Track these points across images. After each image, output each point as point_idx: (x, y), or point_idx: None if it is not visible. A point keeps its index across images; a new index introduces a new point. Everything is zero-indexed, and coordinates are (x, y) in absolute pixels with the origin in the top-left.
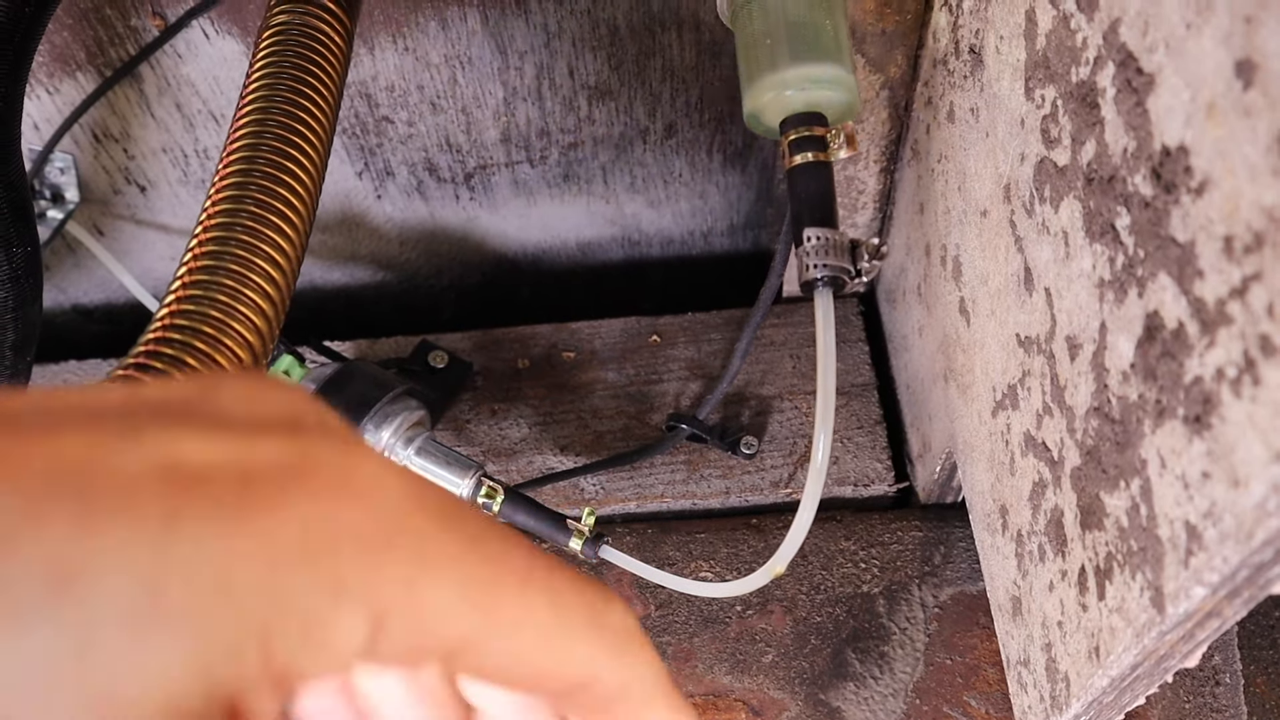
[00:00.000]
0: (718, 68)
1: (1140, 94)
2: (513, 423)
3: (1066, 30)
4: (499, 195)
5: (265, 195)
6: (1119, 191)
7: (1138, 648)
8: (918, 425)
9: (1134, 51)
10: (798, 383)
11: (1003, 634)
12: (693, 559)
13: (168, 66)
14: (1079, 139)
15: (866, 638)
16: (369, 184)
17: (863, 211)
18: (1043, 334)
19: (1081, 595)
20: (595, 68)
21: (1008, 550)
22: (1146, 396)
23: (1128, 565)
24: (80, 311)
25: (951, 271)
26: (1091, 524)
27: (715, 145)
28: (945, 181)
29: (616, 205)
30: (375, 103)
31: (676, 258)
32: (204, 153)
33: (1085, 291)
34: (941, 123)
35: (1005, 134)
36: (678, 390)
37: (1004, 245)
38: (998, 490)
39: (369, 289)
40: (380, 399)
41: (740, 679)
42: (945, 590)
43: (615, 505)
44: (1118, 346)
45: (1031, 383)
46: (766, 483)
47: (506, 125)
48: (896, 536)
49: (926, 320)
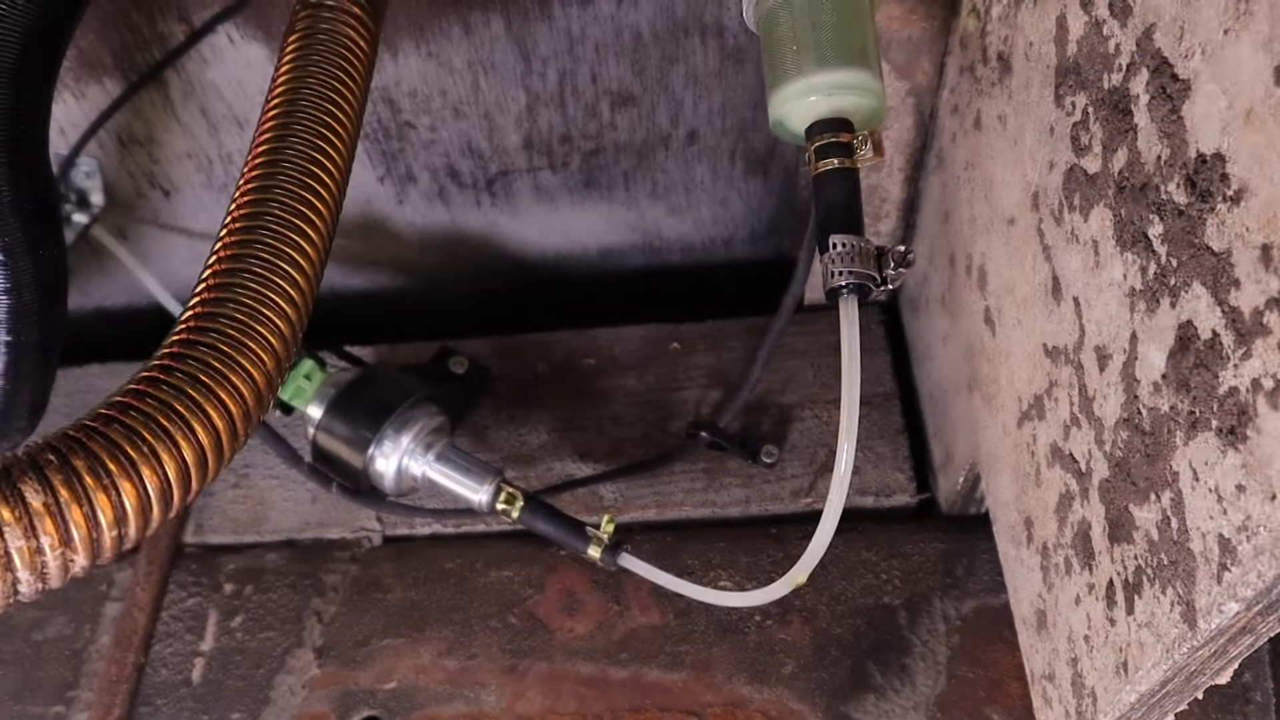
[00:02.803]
0: (741, 74)
1: (1175, 101)
2: (532, 429)
3: (1099, 36)
4: (520, 201)
5: (290, 199)
6: (1151, 200)
7: (1168, 663)
8: (940, 435)
9: (1169, 58)
10: (818, 391)
11: (1027, 648)
12: (712, 568)
13: (193, 71)
14: (1110, 146)
15: (887, 649)
16: (390, 189)
17: (886, 219)
18: (1071, 344)
19: (1109, 609)
20: (618, 74)
21: (1032, 563)
22: (1179, 408)
23: (1158, 579)
24: (103, 314)
25: (977, 280)
26: (1120, 537)
27: (737, 152)
28: (971, 189)
29: (638, 212)
30: (398, 108)
31: (697, 264)
32: (228, 157)
33: (1115, 301)
34: (968, 130)
35: (1034, 141)
36: (698, 398)
37: (1031, 254)
38: (1023, 502)
39: (389, 294)
40: (401, 404)
41: (760, 689)
42: (967, 603)
43: (634, 513)
44: (1149, 357)
45: (1059, 393)
46: (787, 492)
47: (528, 131)
48: (918, 548)
49: (950, 329)
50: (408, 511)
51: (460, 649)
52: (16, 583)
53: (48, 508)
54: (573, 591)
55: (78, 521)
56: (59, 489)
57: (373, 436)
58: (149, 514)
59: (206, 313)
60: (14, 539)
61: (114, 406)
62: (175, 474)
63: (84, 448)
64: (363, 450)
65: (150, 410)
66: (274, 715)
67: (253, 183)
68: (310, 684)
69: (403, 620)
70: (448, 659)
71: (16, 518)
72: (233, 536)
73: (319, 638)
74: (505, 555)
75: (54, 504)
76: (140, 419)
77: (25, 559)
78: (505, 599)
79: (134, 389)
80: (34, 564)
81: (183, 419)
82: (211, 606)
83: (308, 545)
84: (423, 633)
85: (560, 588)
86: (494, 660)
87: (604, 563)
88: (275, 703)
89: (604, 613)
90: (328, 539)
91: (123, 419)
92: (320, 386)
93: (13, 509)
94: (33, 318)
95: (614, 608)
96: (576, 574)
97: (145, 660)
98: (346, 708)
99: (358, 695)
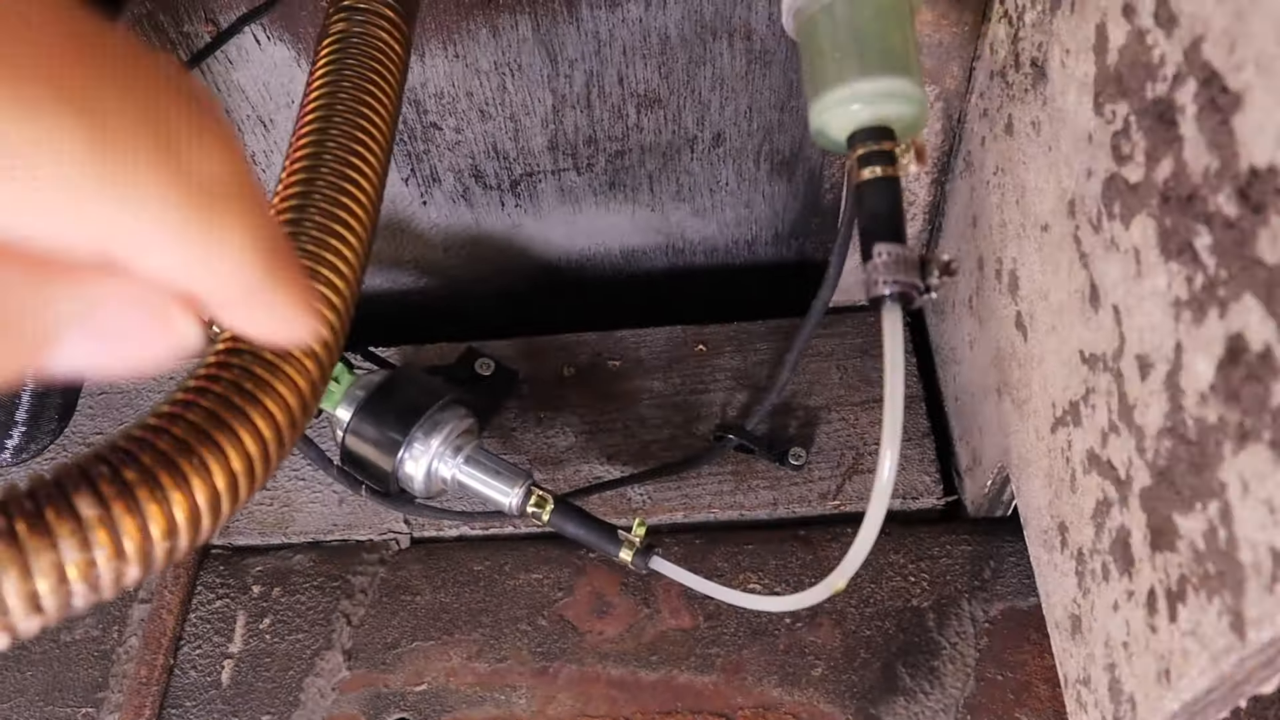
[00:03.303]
0: (768, 76)
1: (1225, 113)
2: (559, 431)
3: (1142, 46)
4: (544, 202)
5: (329, 204)
6: (1199, 210)
7: (1214, 672)
8: (967, 438)
9: (1219, 69)
10: (845, 394)
11: (1060, 651)
12: (741, 570)
13: (218, 72)
14: (1154, 156)
15: (916, 652)
16: (415, 190)
17: (912, 223)
18: (1110, 351)
19: (1150, 616)
20: (645, 76)
21: (1067, 568)
22: (1227, 419)
23: (1204, 589)
24: None
25: (1007, 285)
26: (1163, 545)
27: (763, 154)
28: (1002, 194)
29: (662, 213)
30: (424, 109)
31: (721, 266)
32: (252, 158)
33: (1159, 310)
34: (999, 135)
35: (1070, 148)
36: (724, 400)
37: (1067, 261)
38: (1056, 507)
39: (412, 294)
40: (430, 406)
41: (790, 692)
42: (995, 605)
43: (662, 515)
44: (1195, 367)
45: (1096, 400)
46: (815, 494)
47: (554, 133)
48: (946, 550)
49: (978, 333)
50: (437, 514)
51: (490, 651)
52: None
53: (101, 520)
54: (602, 594)
55: (131, 533)
56: (112, 501)
57: (402, 439)
58: (199, 525)
59: None
60: (69, 551)
61: (162, 417)
62: (225, 484)
63: (135, 460)
64: (392, 453)
65: (199, 421)
66: (304, 718)
67: (292, 188)
68: (340, 686)
69: (432, 623)
70: (478, 661)
71: (71, 530)
72: (259, 538)
73: (348, 640)
74: (534, 558)
75: (107, 516)
76: (189, 430)
77: (80, 571)
78: (535, 601)
79: (181, 399)
80: (88, 576)
81: (230, 429)
82: (240, 608)
83: (335, 547)
84: (452, 635)
85: (590, 590)
86: (524, 663)
87: (636, 566)
88: (305, 705)
89: (634, 615)
90: (355, 540)
91: (172, 430)
92: (348, 389)
93: (67, 522)
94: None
95: (644, 610)
96: (606, 577)
97: (174, 662)
98: (377, 710)
99: (388, 698)
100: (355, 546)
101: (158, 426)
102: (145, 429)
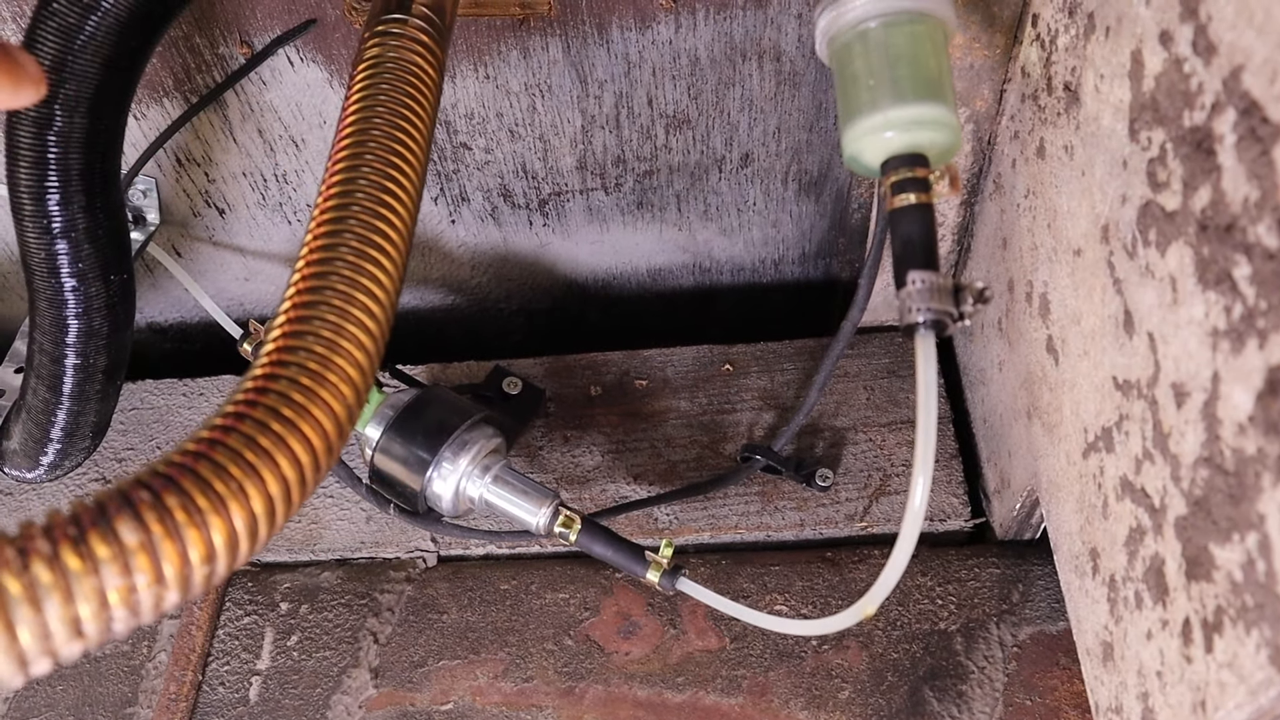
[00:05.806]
0: (796, 97)
1: (1266, 144)
2: (586, 450)
3: (1179, 74)
4: (572, 221)
5: (364, 229)
6: (1238, 240)
7: (1252, 705)
8: (995, 461)
9: (1259, 100)
10: (872, 415)
11: (1091, 679)
12: (767, 591)
13: (251, 93)
14: (1191, 184)
15: (944, 676)
16: (444, 209)
17: (941, 244)
18: (1144, 378)
19: (1185, 646)
20: (674, 97)
21: (1098, 594)
22: (1267, 451)
23: (1241, 620)
24: (155, 330)
25: (1038, 308)
26: (1198, 575)
27: (790, 174)
28: (1033, 218)
29: (689, 232)
30: (454, 129)
31: (747, 285)
32: (283, 177)
33: (1195, 339)
34: (1030, 158)
35: (1104, 174)
36: (751, 420)
37: (1100, 286)
38: (1088, 533)
39: (439, 313)
40: (459, 426)
41: (816, 715)
42: (1024, 629)
43: (689, 535)
44: (1233, 397)
45: (1130, 427)
46: (841, 516)
47: (583, 153)
48: (974, 573)
49: (1008, 355)
50: (464, 533)
51: (517, 671)
52: (112, 620)
53: (143, 545)
54: (629, 614)
55: (171, 559)
56: (152, 526)
57: (431, 459)
58: (237, 550)
59: (287, 346)
60: (111, 577)
61: (201, 442)
62: (263, 509)
63: (176, 485)
64: (421, 472)
65: (238, 446)
66: None
67: (328, 213)
68: (367, 704)
69: (459, 641)
70: (504, 680)
71: (114, 555)
72: (288, 555)
73: (375, 658)
74: (560, 577)
75: (148, 542)
76: (229, 455)
77: (121, 596)
78: (561, 621)
79: (220, 424)
80: (129, 601)
81: (268, 455)
82: (268, 625)
83: (362, 565)
84: (479, 654)
85: (616, 610)
86: (550, 683)
87: (663, 587)
88: None
89: (660, 636)
90: (382, 558)
91: (211, 455)
92: (378, 407)
93: (110, 546)
94: (101, 341)
95: (670, 631)
96: (632, 597)
97: (203, 678)
98: None
99: (415, 716)
100: (382, 564)
101: (197, 452)
102: (185, 454)
